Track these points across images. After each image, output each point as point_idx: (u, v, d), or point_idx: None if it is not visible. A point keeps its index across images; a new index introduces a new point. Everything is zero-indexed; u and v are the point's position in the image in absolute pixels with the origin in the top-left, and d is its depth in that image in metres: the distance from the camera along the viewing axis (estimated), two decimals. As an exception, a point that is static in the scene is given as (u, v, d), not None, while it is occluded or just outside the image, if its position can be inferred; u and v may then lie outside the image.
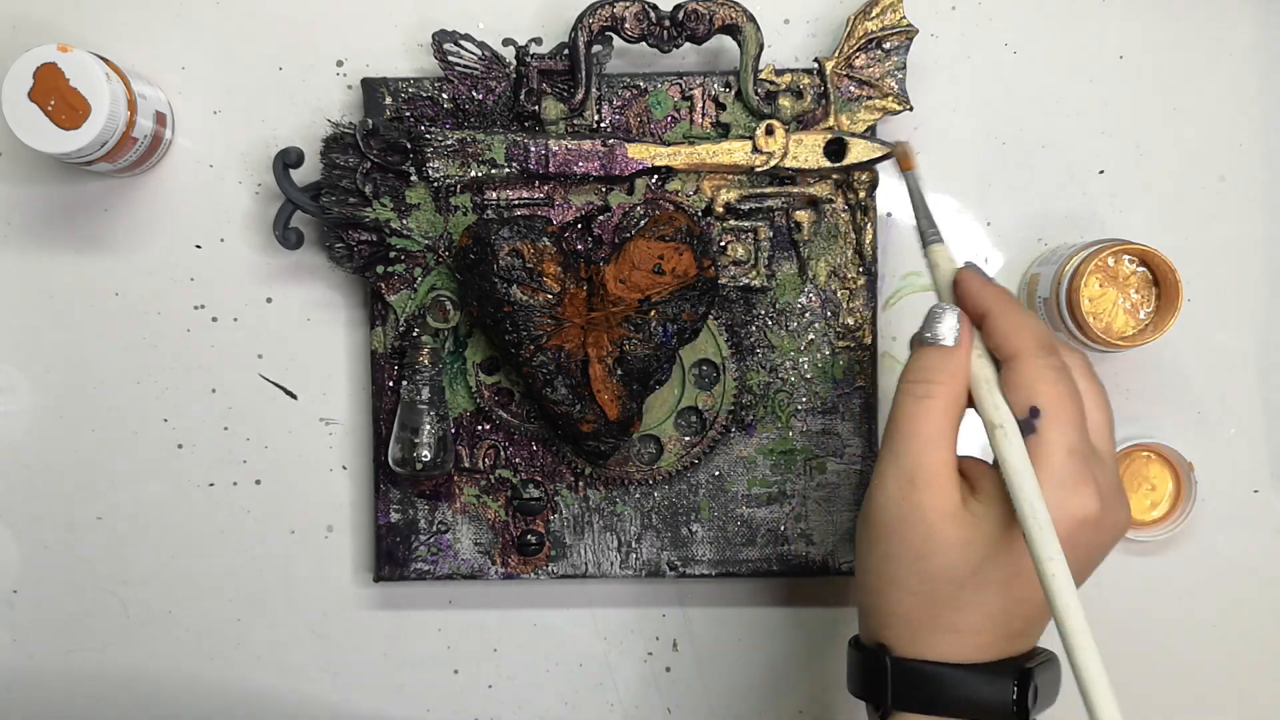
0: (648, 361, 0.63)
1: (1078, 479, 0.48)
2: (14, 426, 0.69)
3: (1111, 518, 0.49)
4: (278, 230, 0.66)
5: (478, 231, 0.63)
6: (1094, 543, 0.49)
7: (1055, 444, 0.47)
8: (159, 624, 0.70)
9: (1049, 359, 0.49)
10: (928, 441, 0.50)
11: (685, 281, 0.63)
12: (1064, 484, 0.47)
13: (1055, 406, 0.48)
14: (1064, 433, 0.48)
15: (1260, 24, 0.69)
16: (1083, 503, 0.48)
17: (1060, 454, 0.47)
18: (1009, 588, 0.49)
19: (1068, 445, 0.48)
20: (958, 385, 0.50)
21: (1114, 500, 0.49)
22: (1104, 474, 0.49)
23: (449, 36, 0.65)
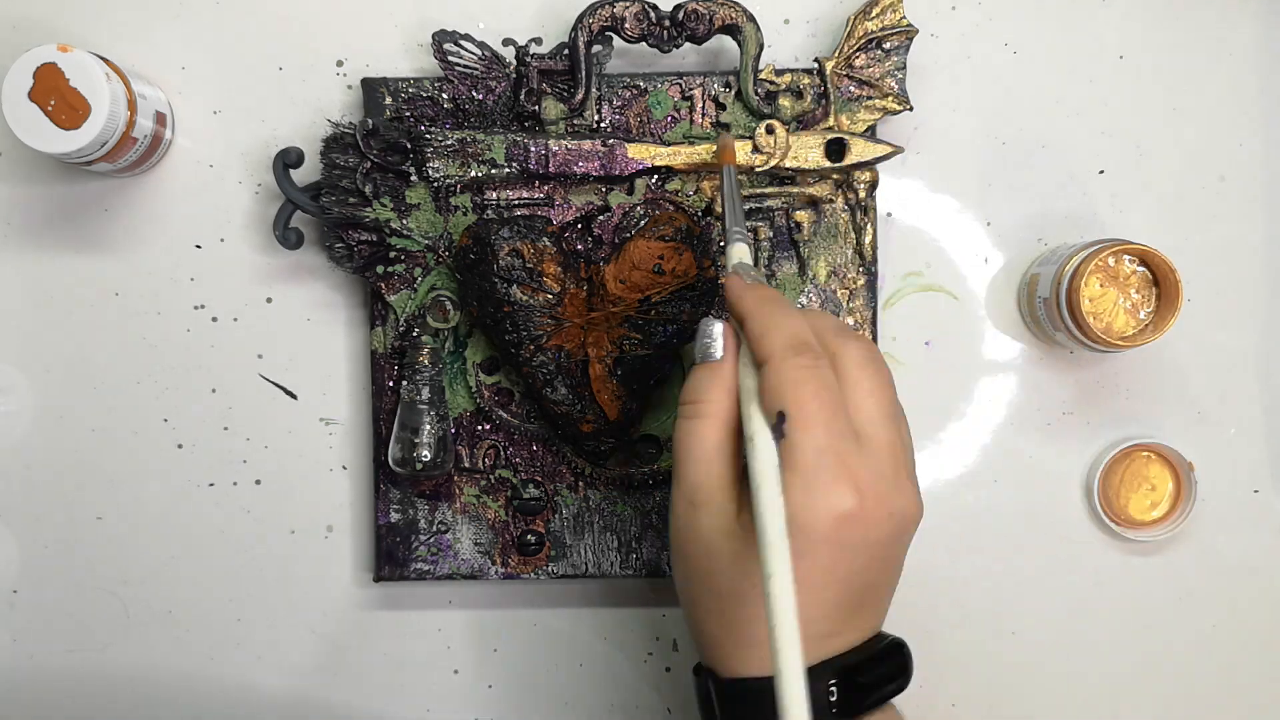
0: (648, 361, 0.63)
1: (832, 477, 0.46)
2: (14, 426, 0.69)
3: (881, 508, 0.47)
4: (278, 230, 0.66)
5: (478, 231, 0.63)
6: (864, 537, 0.47)
7: (803, 446, 0.46)
8: (159, 624, 0.70)
9: (797, 359, 0.48)
10: (700, 461, 0.49)
11: (685, 281, 0.63)
12: (813, 485, 0.46)
13: (801, 408, 0.46)
14: (810, 433, 0.46)
15: (1260, 24, 0.69)
16: (839, 499, 0.46)
17: (810, 454, 0.46)
18: None
19: (815, 445, 0.46)
20: (726, 400, 0.50)
21: (883, 489, 0.48)
22: (869, 465, 0.48)
23: (449, 36, 0.65)
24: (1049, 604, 0.70)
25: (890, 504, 0.48)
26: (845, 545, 0.47)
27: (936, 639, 0.70)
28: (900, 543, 0.50)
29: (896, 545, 0.50)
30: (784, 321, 0.49)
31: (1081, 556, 0.70)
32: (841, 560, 0.47)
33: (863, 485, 0.47)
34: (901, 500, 0.49)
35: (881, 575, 0.50)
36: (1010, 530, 0.70)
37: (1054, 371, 0.70)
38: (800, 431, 0.46)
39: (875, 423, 0.49)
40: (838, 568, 0.47)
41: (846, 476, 0.47)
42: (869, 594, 0.50)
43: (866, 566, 0.48)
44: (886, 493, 0.48)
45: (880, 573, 0.50)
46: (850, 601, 0.49)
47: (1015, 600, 0.70)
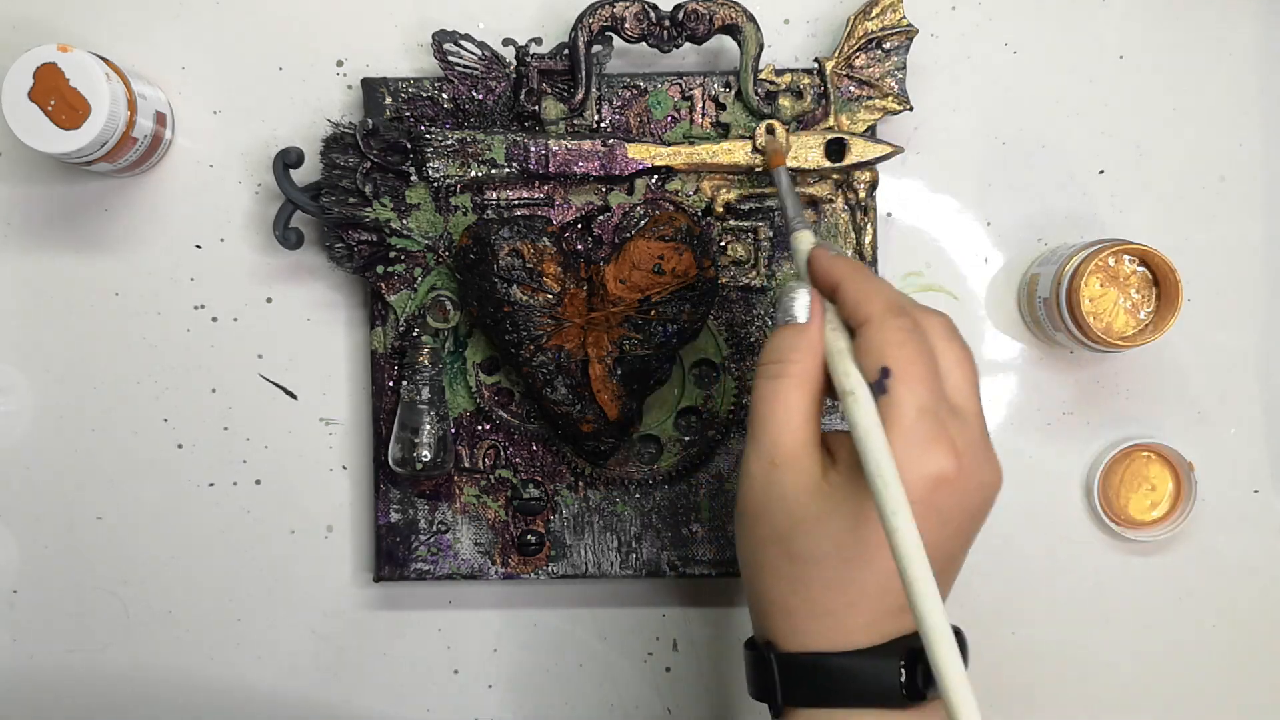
0: (648, 361, 0.63)
1: (931, 437, 0.46)
2: (14, 426, 0.69)
3: (973, 477, 0.47)
4: (278, 230, 0.66)
5: (478, 231, 0.63)
6: (957, 504, 0.47)
7: (906, 403, 0.46)
8: (159, 624, 0.70)
9: (898, 320, 0.47)
10: (784, 420, 0.49)
11: (685, 281, 0.63)
12: (917, 443, 0.45)
13: (904, 366, 0.46)
14: (914, 391, 0.46)
15: (1260, 24, 0.69)
16: (937, 461, 0.46)
17: (911, 413, 0.46)
18: (875, 559, 0.47)
19: (918, 404, 0.46)
20: (812, 361, 0.49)
21: (976, 458, 0.47)
22: (963, 432, 0.47)
23: (449, 36, 0.65)
24: (1049, 604, 0.70)
25: (981, 473, 0.48)
26: (938, 510, 0.46)
27: (936, 639, 0.70)
28: (984, 515, 0.49)
29: (980, 517, 0.49)
30: (881, 286, 0.49)
31: (1081, 556, 0.70)
32: (931, 526, 0.46)
33: (960, 450, 0.46)
34: (991, 472, 0.48)
35: (961, 547, 0.49)
36: (1010, 530, 0.70)
37: (1054, 371, 0.70)
38: (904, 389, 0.46)
39: (963, 392, 0.48)
40: (926, 533, 0.45)
41: (945, 439, 0.46)
42: (949, 566, 0.49)
43: (953, 535, 0.48)
44: (979, 461, 0.48)
45: (961, 544, 0.49)
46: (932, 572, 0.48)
47: (1015, 600, 0.70)
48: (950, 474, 0.46)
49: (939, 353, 0.48)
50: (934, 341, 0.49)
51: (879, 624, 0.48)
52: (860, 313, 0.48)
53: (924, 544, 0.44)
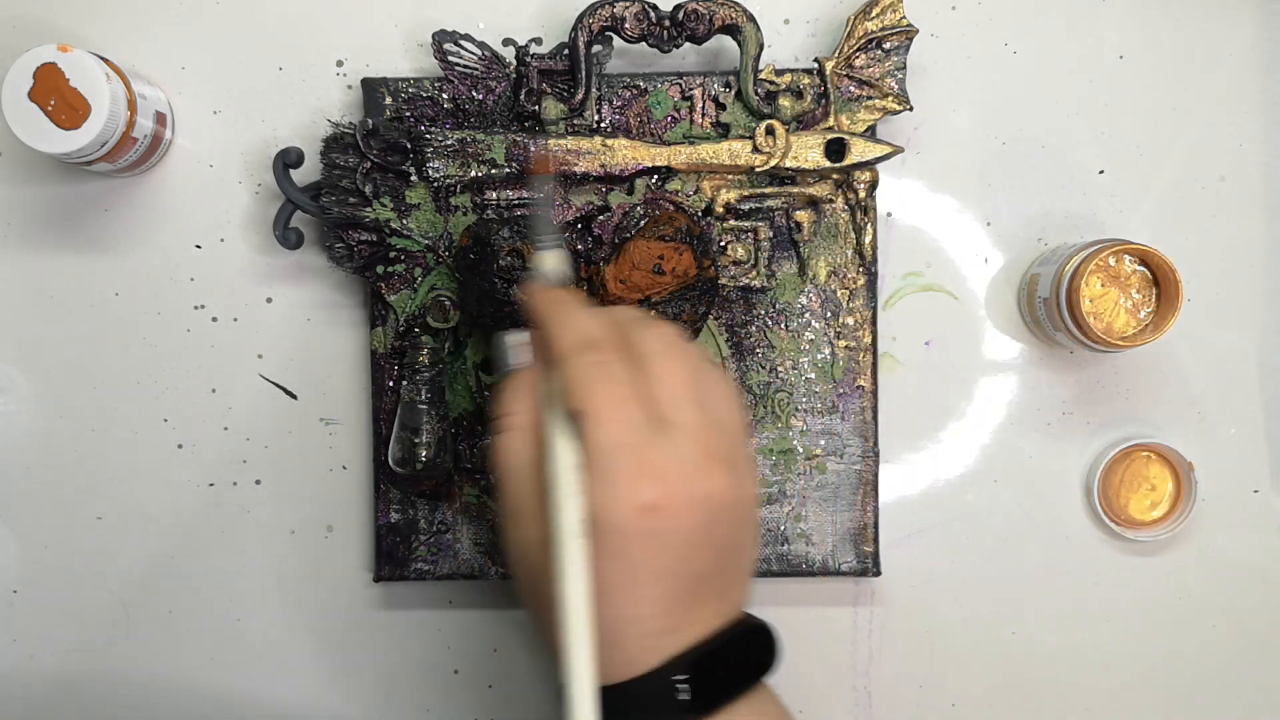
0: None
1: (627, 471, 0.45)
2: (14, 426, 0.69)
3: (684, 495, 0.46)
4: (278, 230, 0.66)
5: (478, 231, 0.63)
6: (678, 526, 0.46)
7: (596, 442, 0.46)
8: (159, 624, 0.70)
9: (585, 357, 0.47)
10: (515, 474, 0.49)
11: (685, 281, 0.63)
12: (611, 480, 0.45)
13: (591, 404, 0.46)
14: (603, 428, 0.46)
15: (1260, 24, 0.69)
16: (636, 493, 0.45)
17: (603, 451, 0.46)
18: (618, 597, 0.46)
19: (609, 441, 0.46)
20: (533, 409, 0.49)
21: (688, 475, 0.46)
22: (669, 453, 0.46)
23: (449, 36, 0.65)
24: (1049, 604, 0.70)
25: (695, 488, 0.46)
26: (657, 536, 0.46)
27: (937, 639, 0.70)
28: (721, 526, 0.48)
29: (717, 529, 0.47)
30: (572, 321, 0.49)
31: (1081, 556, 0.70)
32: (657, 553, 0.46)
33: (664, 474, 0.46)
34: (709, 483, 0.47)
35: (713, 562, 0.48)
36: (1010, 530, 0.70)
37: (1054, 371, 0.70)
38: (593, 428, 0.46)
39: (676, 408, 0.47)
40: (655, 561, 0.46)
41: (645, 468, 0.46)
42: (704, 584, 0.48)
43: (689, 556, 0.47)
44: (691, 477, 0.46)
45: (710, 560, 0.48)
46: (683, 593, 0.47)
47: (1015, 600, 0.70)
48: (656, 500, 0.45)
49: (650, 372, 0.48)
50: (646, 360, 0.48)
51: (653, 649, 0.47)
52: (553, 353, 0.48)
53: (658, 570, 0.46)
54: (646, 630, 0.47)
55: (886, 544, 0.69)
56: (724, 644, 0.48)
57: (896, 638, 0.70)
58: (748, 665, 0.50)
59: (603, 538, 0.46)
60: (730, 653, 0.49)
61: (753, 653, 0.50)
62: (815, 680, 0.70)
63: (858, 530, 0.68)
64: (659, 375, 0.48)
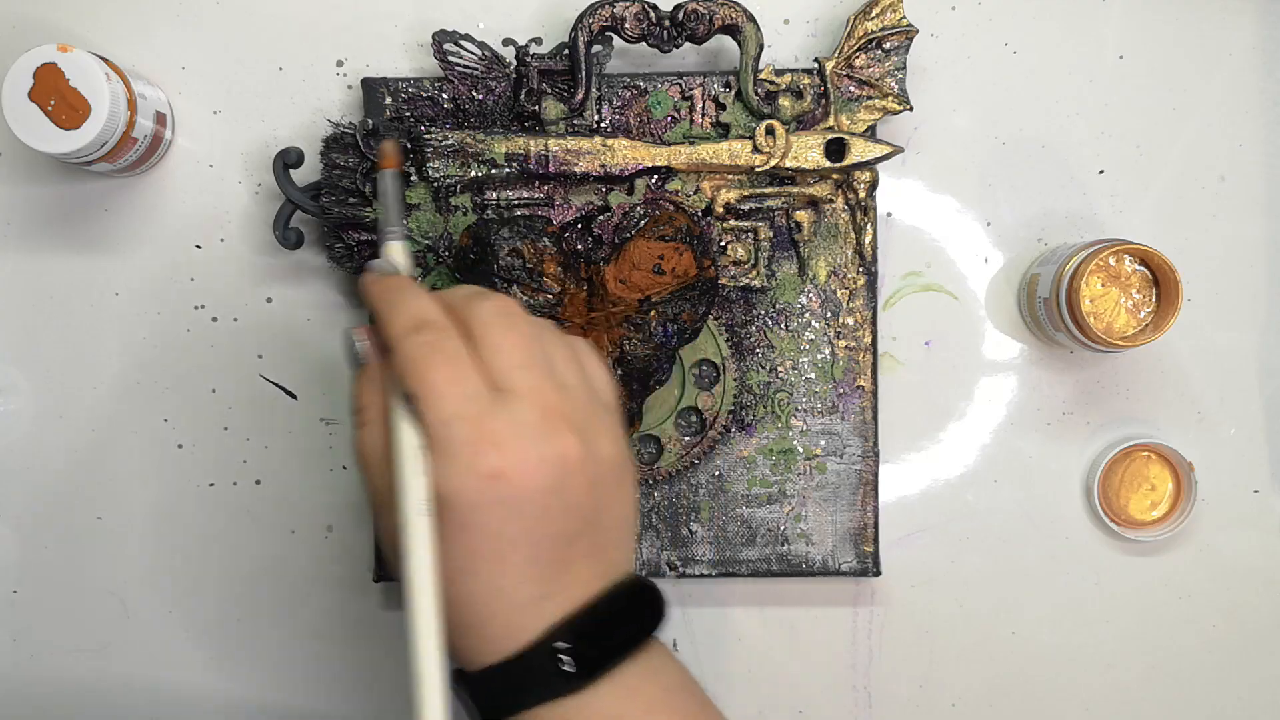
0: (648, 362, 0.63)
1: (464, 442, 0.45)
2: (14, 426, 0.69)
3: (527, 458, 0.45)
4: (278, 230, 0.66)
5: (478, 231, 0.63)
6: (526, 489, 0.45)
7: (431, 420, 0.45)
8: (159, 624, 0.70)
9: (413, 338, 0.47)
10: (374, 466, 0.48)
11: (685, 281, 0.63)
12: (450, 454, 0.45)
13: (422, 382, 0.46)
14: (436, 404, 0.45)
15: (1260, 24, 0.69)
16: (477, 462, 0.45)
17: (438, 427, 0.45)
18: (480, 572, 0.46)
19: (443, 415, 0.45)
20: (380, 403, 0.48)
21: (530, 438, 0.46)
22: (508, 418, 0.46)
23: (449, 36, 0.65)
24: (1049, 604, 0.70)
25: (538, 450, 0.46)
26: (506, 503, 0.45)
27: (936, 639, 0.70)
28: (575, 486, 0.47)
29: (572, 490, 0.46)
30: (403, 303, 0.48)
31: (1081, 556, 0.70)
32: (511, 519, 0.45)
33: (504, 440, 0.45)
34: (553, 445, 0.46)
35: (575, 523, 0.47)
36: (1010, 530, 0.70)
37: (1054, 371, 0.70)
38: (426, 406, 0.45)
39: (513, 375, 0.47)
40: (510, 528, 0.45)
41: (483, 436, 0.45)
42: (571, 546, 0.47)
43: (545, 519, 0.46)
44: (533, 440, 0.46)
45: (571, 521, 0.47)
46: (549, 557, 0.46)
47: (1015, 600, 0.70)
48: (499, 467, 0.45)
49: (483, 343, 0.47)
50: (479, 333, 0.47)
51: (530, 618, 0.46)
52: (387, 339, 0.48)
53: (515, 539, 0.45)
54: (518, 600, 0.46)
55: (886, 544, 0.69)
56: (604, 606, 0.47)
57: (896, 638, 0.70)
58: (633, 626, 0.48)
59: (452, 512, 0.45)
60: (612, 614, 0.48)
61: (638, 612, 0.49)
62: (815, 680, 0.70)
63: (858, 530, 0.68)
64: (494, 345, 0.47)
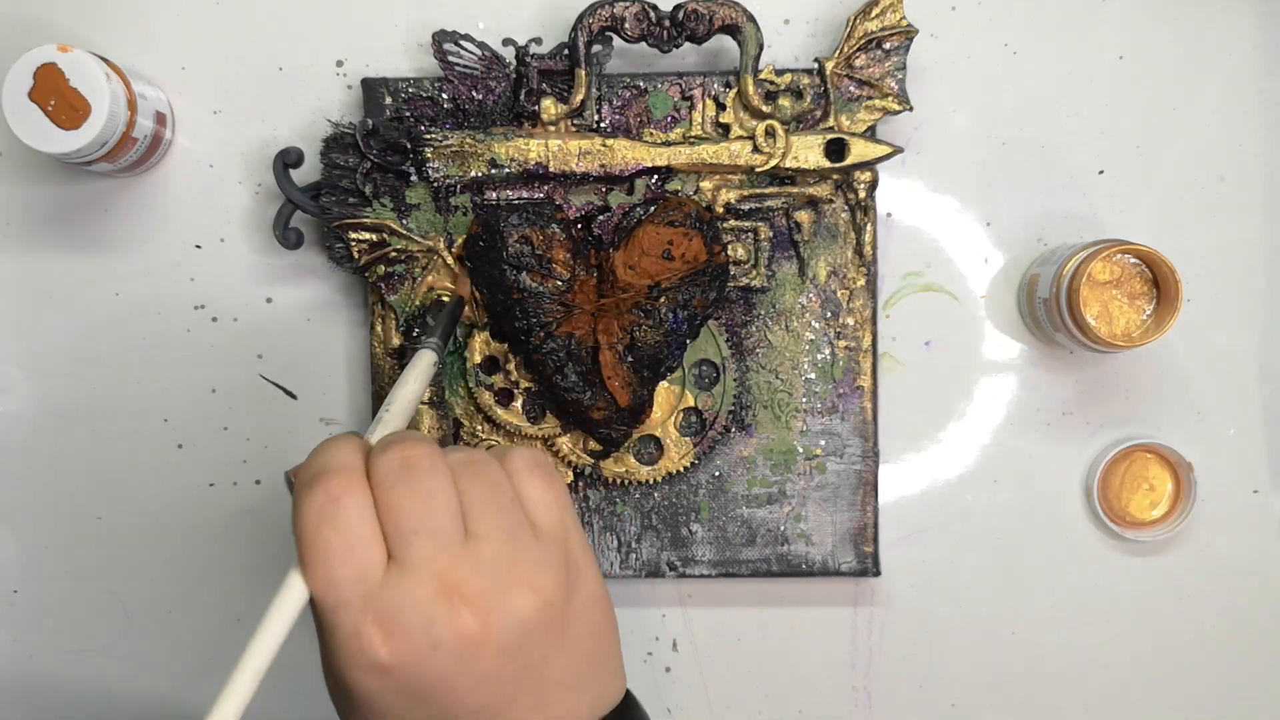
0: (658, 348, 0.63)
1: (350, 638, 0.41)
2: (14, 426, 0.69)
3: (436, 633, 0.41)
4: (278, 230, 0.66)
5: (487, 218, 0.63)
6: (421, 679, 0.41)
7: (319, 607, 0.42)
8: (159, 624, 0.70)
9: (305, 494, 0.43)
10: None
11: (695, 267, 0.63)
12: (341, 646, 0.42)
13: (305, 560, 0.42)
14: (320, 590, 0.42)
15: (1260, 24, 0.69)
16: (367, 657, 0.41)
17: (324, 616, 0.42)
18: None
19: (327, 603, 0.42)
20: None
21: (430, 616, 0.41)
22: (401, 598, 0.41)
23: (449, 36, 0.65)
24: (1049, 604, 0.70)
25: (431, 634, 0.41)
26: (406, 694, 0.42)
27: (936, 639, 0.70)
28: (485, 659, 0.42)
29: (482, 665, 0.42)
30: (317, 452, 0.44)
31: (1081, 556, 0.70)
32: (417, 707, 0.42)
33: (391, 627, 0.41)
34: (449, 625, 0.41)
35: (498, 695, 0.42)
36: (1010, 530, 0.70)
37: (1054, 371, 0.70)
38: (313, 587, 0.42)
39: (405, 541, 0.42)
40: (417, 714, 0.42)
41: (369, 625, 0.41)
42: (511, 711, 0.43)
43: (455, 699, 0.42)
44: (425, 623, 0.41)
45: (491, 694, 0.42)
46: None
47: (1015, 600, 0.70)
48: (388, 661, 0.41)
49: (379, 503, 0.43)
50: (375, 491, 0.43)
51: None
52: None
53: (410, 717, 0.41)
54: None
55: (886, 544, 0.69)
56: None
57: (896, 638, 0.70)
58: None
59: (352, 700, 0.42)
60: None
61: None
62: (815, 680, 0.70)
63: (858, 530, 0.68)
64: (391, 505, 0.42)
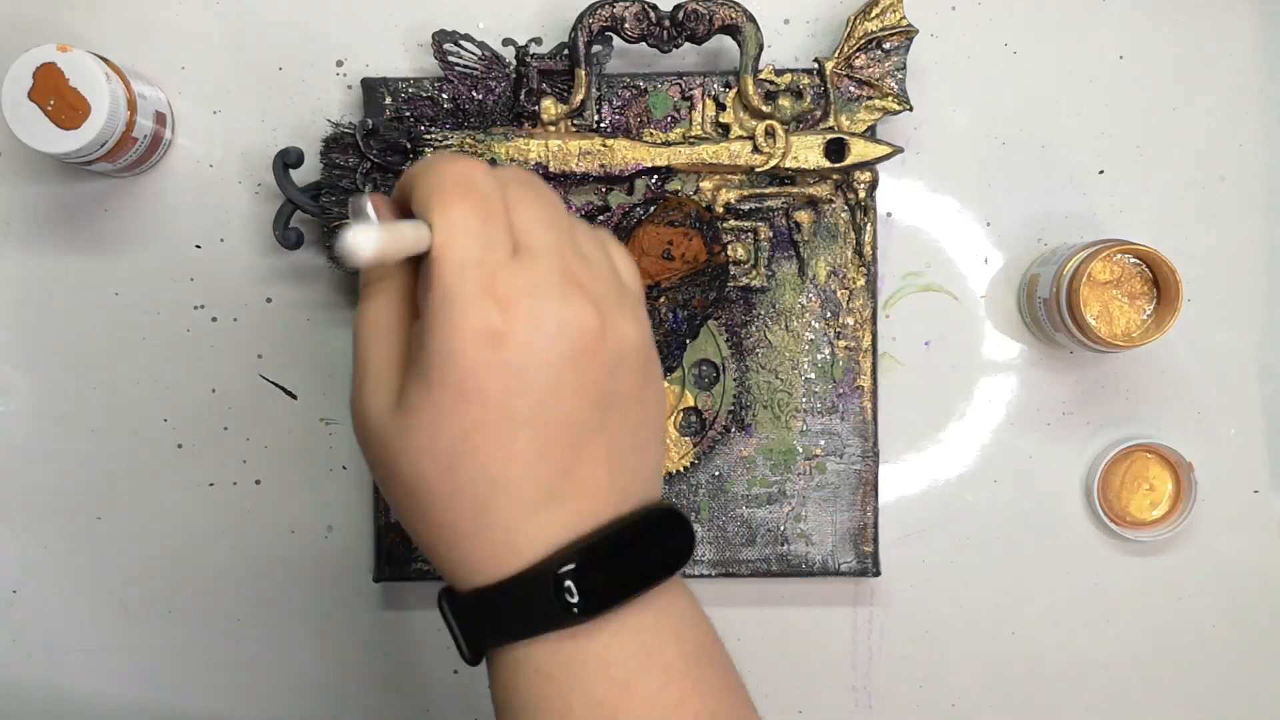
0: (658, 348, 0.63)
1: (474, 297, 0.39)
2: (14, 426, 0.69)
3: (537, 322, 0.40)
4: (278, 230, 0.66)
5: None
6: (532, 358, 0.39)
7: (443, 263, 0.40)
8: (159, 624, 0.70)
9: (439, 165, 0.41)
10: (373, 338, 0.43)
11: (695, 267, 0.63)
12: (459, 307, 0.39)
13: (438, 215, 0.40)
14: (450, 245, 0.40)
15: (1260, 24, 0.69)
16: (481, 317, 0.39)
17: (448, 273, 0.40)
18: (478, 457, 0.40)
19: (456, 259, 0.40)
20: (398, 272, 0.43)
21: (546, 297, 0.40)
22: (526, 276, 0.40)
23: (449, 36, 0.65)
24: (1049, 604, 0.70)
25: (555, 314, 0.40)
26: (513, 371, 0.39)
27: (936, 639, 0.70)
28: (592, 366, 0.41)
29: (588, 369, 0.41)
30: (425, 160, 0.43)
31: (1081, 556, 0.70)
32: (518, 393, 0.39)
33: (516, 298, 0.40)
34: (567, 310, 0.40)
35: (591, 412, 0.41)
36: (1010, 530, 0.70)
37: (1054, 371, 0.70)
38: (441, 240, 0.40)
39: (532, 231, 0.41)
40: (515, 403, 0.39)
41: (495, 289, 0.40)
42: (586, 444, 0.41)
43: (556, 398, 0.40)
44: (549, 303, 0.40)
45: (587, 407, 0.41)
46: (559, 452, 0.41)
47: (1015, 600, 0.70)
48: (509, 328, 0.39)
49: (507, 196, 0.42)
50: (504, 187, 0.42)
51: (533, 527, 0.41)
52: (405, 184, 0.43)
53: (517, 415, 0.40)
54: (520, 498, 0.40)
55: (886, 544, 0.69)
56: (620, 531, 0.42)
57: (896, 638, 0.70)
58: (651, 558, 0.42)
59: (449, 374, 0.39)
60: (629, 541, 0.42)
61: (658, 542, 0.43)
62: (815, 680, 0.70)
63: (858, 530, 0.68)
64: (521, 200, 0.42)
